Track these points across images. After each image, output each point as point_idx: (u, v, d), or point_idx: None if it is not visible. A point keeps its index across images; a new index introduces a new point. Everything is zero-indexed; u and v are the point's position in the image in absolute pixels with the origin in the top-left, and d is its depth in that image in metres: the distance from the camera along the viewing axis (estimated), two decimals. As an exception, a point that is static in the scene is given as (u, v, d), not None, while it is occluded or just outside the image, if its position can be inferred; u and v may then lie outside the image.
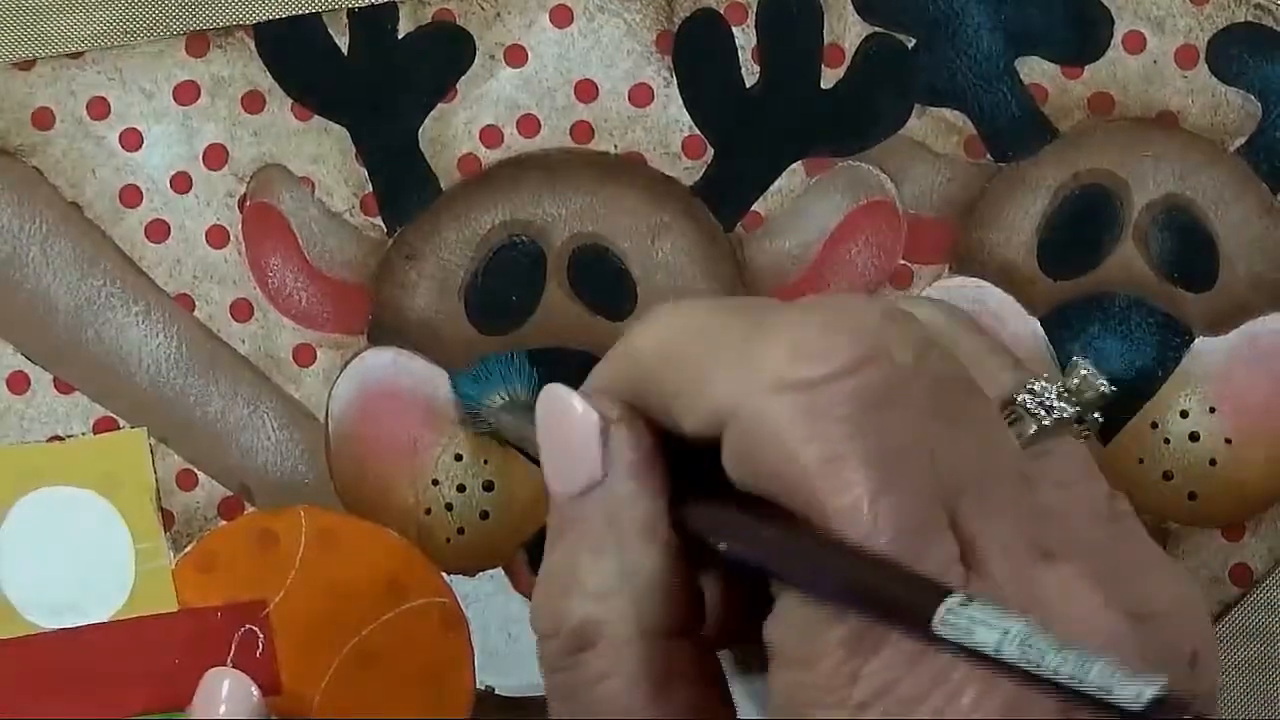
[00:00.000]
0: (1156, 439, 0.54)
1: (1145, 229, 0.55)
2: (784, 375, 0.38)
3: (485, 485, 0.54)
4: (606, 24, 0.53)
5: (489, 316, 0.54)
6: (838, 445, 0.37)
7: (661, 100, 0.54)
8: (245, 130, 0.53)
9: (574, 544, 0.41)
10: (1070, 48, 0.54)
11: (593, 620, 0.40)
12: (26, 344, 0.53)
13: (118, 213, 0.53)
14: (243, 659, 0.53)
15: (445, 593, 0.54)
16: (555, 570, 0.41)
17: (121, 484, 0.53)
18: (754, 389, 0.38)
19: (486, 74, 0.53)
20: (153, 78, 0.53)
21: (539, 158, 0.54)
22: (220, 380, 0.53)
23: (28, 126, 0.52)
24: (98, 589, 0.53)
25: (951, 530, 0.38)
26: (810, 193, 0.54)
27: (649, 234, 0.54)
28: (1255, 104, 0.54)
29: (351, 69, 0.53)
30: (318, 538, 0.53)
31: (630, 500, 0.41)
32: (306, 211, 0.53)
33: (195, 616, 0.53)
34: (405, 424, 0.53)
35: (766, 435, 0.38)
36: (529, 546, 0.54)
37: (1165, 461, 0.54)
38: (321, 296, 0.53)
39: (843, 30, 0.54)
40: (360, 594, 0.53)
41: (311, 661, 0.53)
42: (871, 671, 0.37)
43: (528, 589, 0.54)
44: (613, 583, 0.40)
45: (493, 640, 0.54)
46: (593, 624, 0.40)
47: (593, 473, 0.41)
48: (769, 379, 0.38)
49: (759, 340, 0.39)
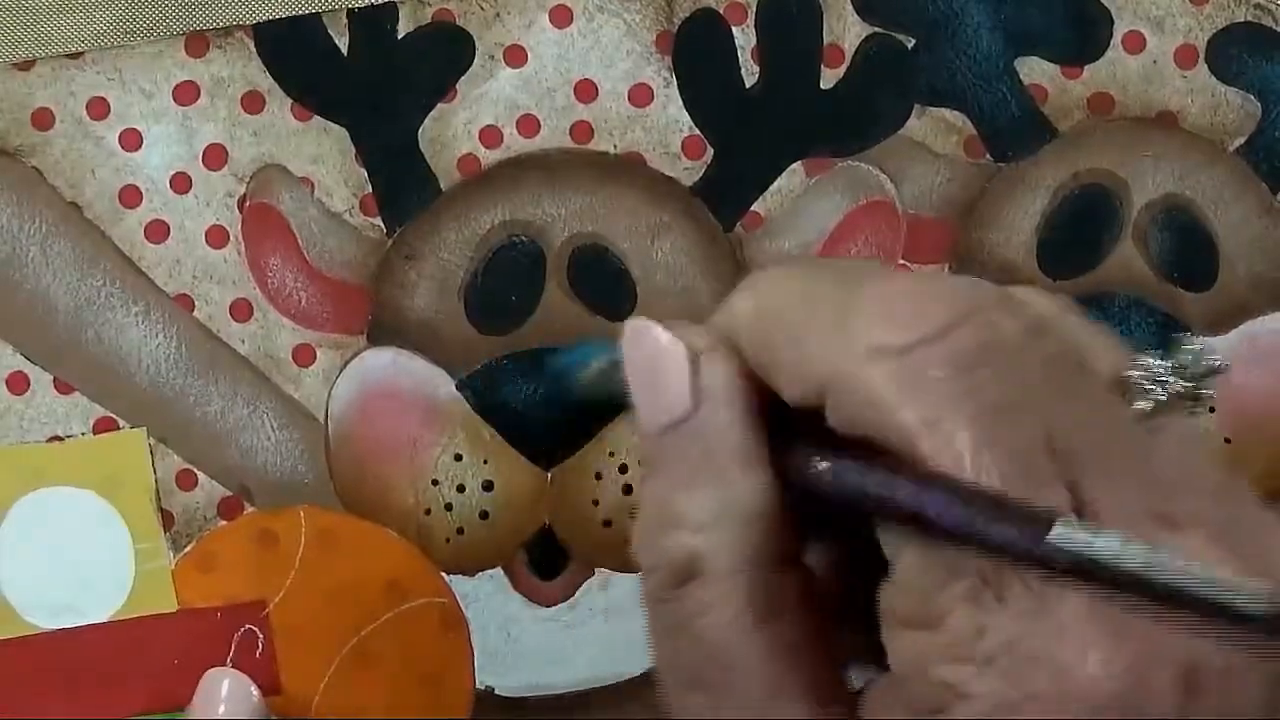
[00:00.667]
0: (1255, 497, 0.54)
1: (1145, 229, 0.55)
2: (878, 342, 0.38)
3: (485, 485, 0.54)
4: (606, 24, 0.53)
5: (489, 316, 0.54)
6: (935, 407, 0.38)
7: (661, 100, 0.54)
8: (245, 130, 0.53)
9: (670, 477, 0.41)
10: (1070, 48, 0.54)
11: (695, 553, 0.40)
12: (26, 344, 0.53)
13: (117, 213, 0.53)
14: (242, 659, 0.53)
15: (445, 593, 0.54)
16: (653, 505, 0.41)
17: (121, 484, 0.53)
18: (850, 358, 0.38)
19: (486, 74, 0.53)
20: (152, 78, 0.53)
21: (539, 158, 0.54)
22: (220, 380, 0.53)
23: (27, 127, 0.52)
24: (97, 589, 0.53)
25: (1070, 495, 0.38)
26: (810, 193, 0.54)
27: (649, 234, 0.54)
28: (1255, 104, 0.54)
29: (351, 69, 0.53)
30: (317, 538, 0.53)
31: (724, 430, 0.41)
32: (306, 212, 0.53)
33: (195, 616, 0.53)
34: (405, 424, 0.53)
35: (866, 402, 0.38)
36: (529, 546, 0.54)
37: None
38: (321, 296, 0.53)
39: (842, 30, 0.54)
40: (360, 594, 0.53)
41: (311, 661, 0.53)
42: (998, 625, 0.37)
43: (528, 589, 0.54)
44: (712, 514, 0.40)
45: (493, 640, 0.54)
46: (695, 556, 0.40)
47: (684, 404, 0.41)
48: (864, 347, 0.38)
49: (853, 309, 0.39)
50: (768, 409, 0.41)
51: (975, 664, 0.37)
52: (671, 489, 0.41)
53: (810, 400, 0.39)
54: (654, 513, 0.41)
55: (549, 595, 0.54)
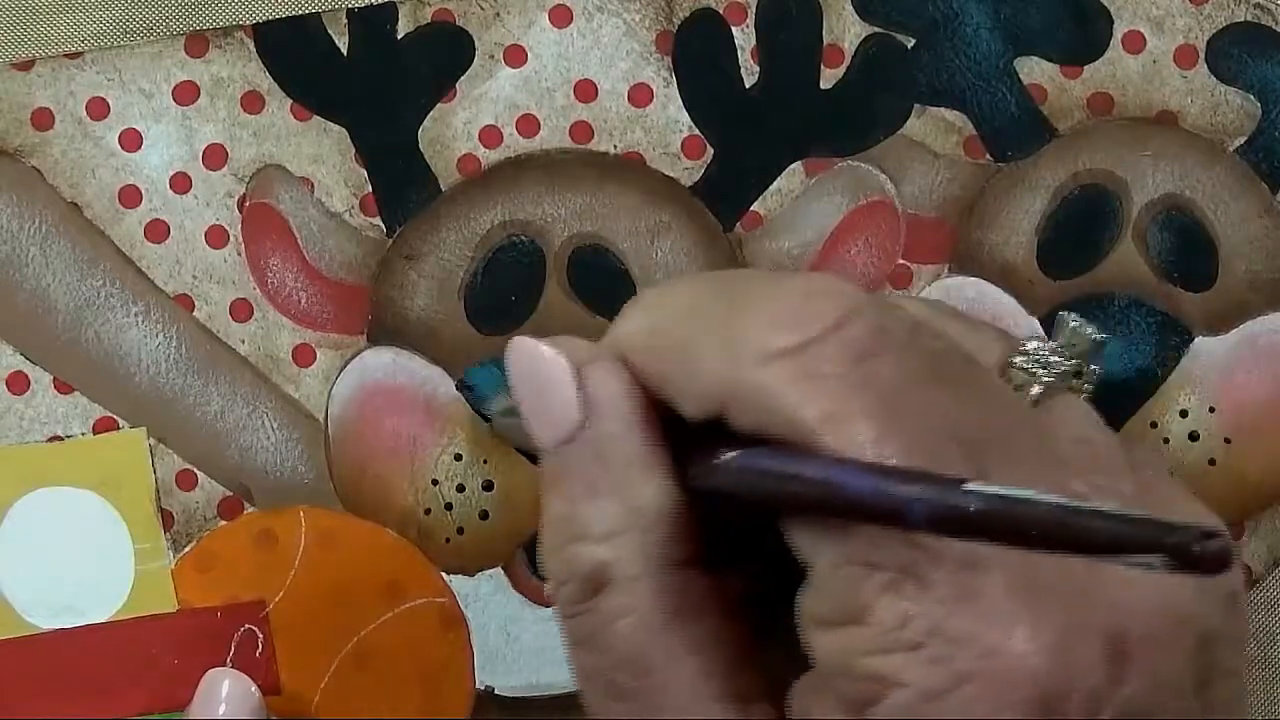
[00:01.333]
0: (1156, 439, 0.54)
1: (1144, 229, 0.55)
2: (770, 345, 0.39)
3: (485, 485, 0.54)
4: (606, 24, 0.53)
5: (488, 316, 0.54)
6: (834, 401, 0.38)
7: (661, 100, 0.54)
8: (245, 130, 0.53)
9: (570, 490, 0.41)
10: (1070, 48, 0.54)
11: (601, 562, 0.41)
12: (26, 344, 0.53)
13: (117, 213, 0.53)
14: (242, 659, 0.53)
15: (444, 592, 0.54)
16: (558, 519, 0.41)
17: (121, 484, 0.53)
18: (744, 365, 0.39)
19: (486, 74, 0.53)
20: (152, 78, 0.53)
21: (538, 158, 0.54)
22: (220, 380, 0.53)
23: (27, 127, 0.52)
24: (97, 589, 0.53)
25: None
26: (810, 193, 0.54)
27: (648, 234, 0.54)
28: (1254, 104, 0.54)
29: (351, 69, 0.53)
30: (317, 538, 0.53)
31: (617, 437, 0.41)
32: (306, 212, 0.53)
33: (195, 616, 0.53)
34: (405, 424, 0.53)
35: (765, 407, 0.38)
36: (529, 546, 0.54)
37: (1165, 461, 0.54)
38: (321, 297, 0.53)
39: (842, 30, 0.54)
40: (359, 594, 0.53)
41: (311, 661, 0.53)
42: (922, 612, 0.37)
43: (528, 589, 0.54)
44: (616, 522, 0.41)
45: (492, 640, 0.54)
46: (602, 565, 0.41)
47: (572, 417, 0.41)
48: (757, 352, 0.39)
49: (740, 317, 0.39)
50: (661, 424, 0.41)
51: (903, 652, 0.37)
52: (572, 502, 0.41)
53: (709, 412, 0.39)
54: (558, 527, 0.41)
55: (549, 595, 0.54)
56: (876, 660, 0.37)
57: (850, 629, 0.38)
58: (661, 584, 0.40)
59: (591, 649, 0.41)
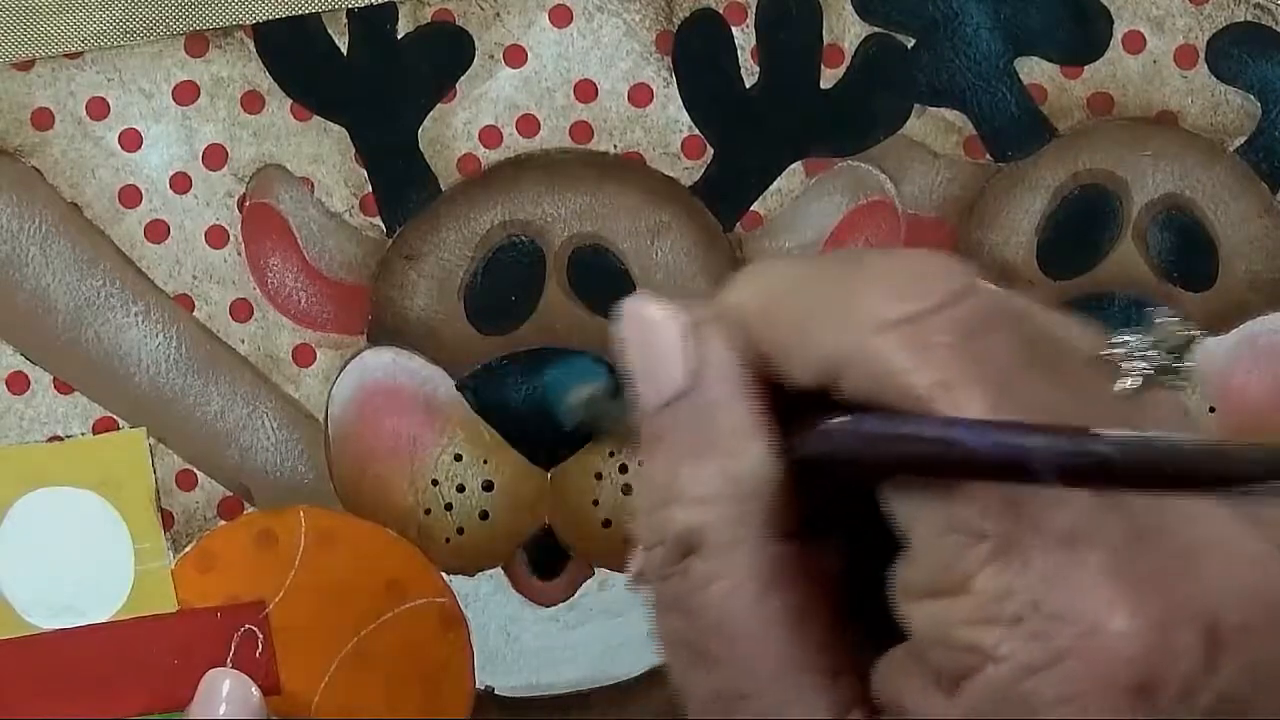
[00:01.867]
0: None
1: (1144, 229, 0.55)
2: (886, 315, 0.39)
3: (485, 485, 0.54)
4: (606, 24, 0.53)
5: (488, 316, 0.54)
6: (946, 370, 0.38)
7: (661, 100, 0.54)
8: (245, 130, 0.53)
9: (669, 452, 0.41)
10: (1070, 48, 0.54)
11: (696, 526, 0.40)
12: (26, 344, 0.53)
13: (117, 213, 0.53)
14: (242, 659, 0.53)
15: (444, 592, 0.54)
16: (654, 481, 0.41)
17: (121, 484, 0.53)
18: (858, 333, 0.39)
19: (486, 74, 0.53)
20: (152, 78, 0.53)
21: (538, 158, 0.54)
22: (220, 380, 0.53)
23: (27, 127, 0.52)
24: (97, 589, 0.53)
25: None
26: (810, 193, 0.54)
27: (648, 234, 0.54)
28: (1254, 104, 0.54)
29: (351, 69, 0.53)
30: (317, 538, 0.53)
31: (722, 403, 0.41)
32: (306, 212, 0.53)
33: (195, 616, 0.53)
34: (404, 424, 0.53)
35: (879, 374, 0.38)
36: (529, 546, 0.54)
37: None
38: (321, 297, 0.53)
39: (842, 30, 0.54)
40: (359, 594, 0.53)
41: (311, 661, 0.53)
42: (1023, 586, 0.37)
43: (528, 589, 0.54)
44: (713, 487, 0.40)
45: (492, 640, 0.54)
46: (696, 530, 0.40)
47: (680, 379, 0.41)
48: (872, 322, 0.39)
49: (855, 289, 0.39)
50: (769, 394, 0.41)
51: (1002, 625, 0.37)
52: (671, 464, 0.41)
53: (821, 380, 0.39)
54: (654, 488, 0.41)
55: (549, 595, 0.54)
56: (975, 631, 0.37)
57: (950, 599, 0.37)
58: (757, 553, 0.40)
59: (679, 614, 0.41)
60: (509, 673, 0.54)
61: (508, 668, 0.54)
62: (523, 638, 0.54)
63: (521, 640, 0.54)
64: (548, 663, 0.54)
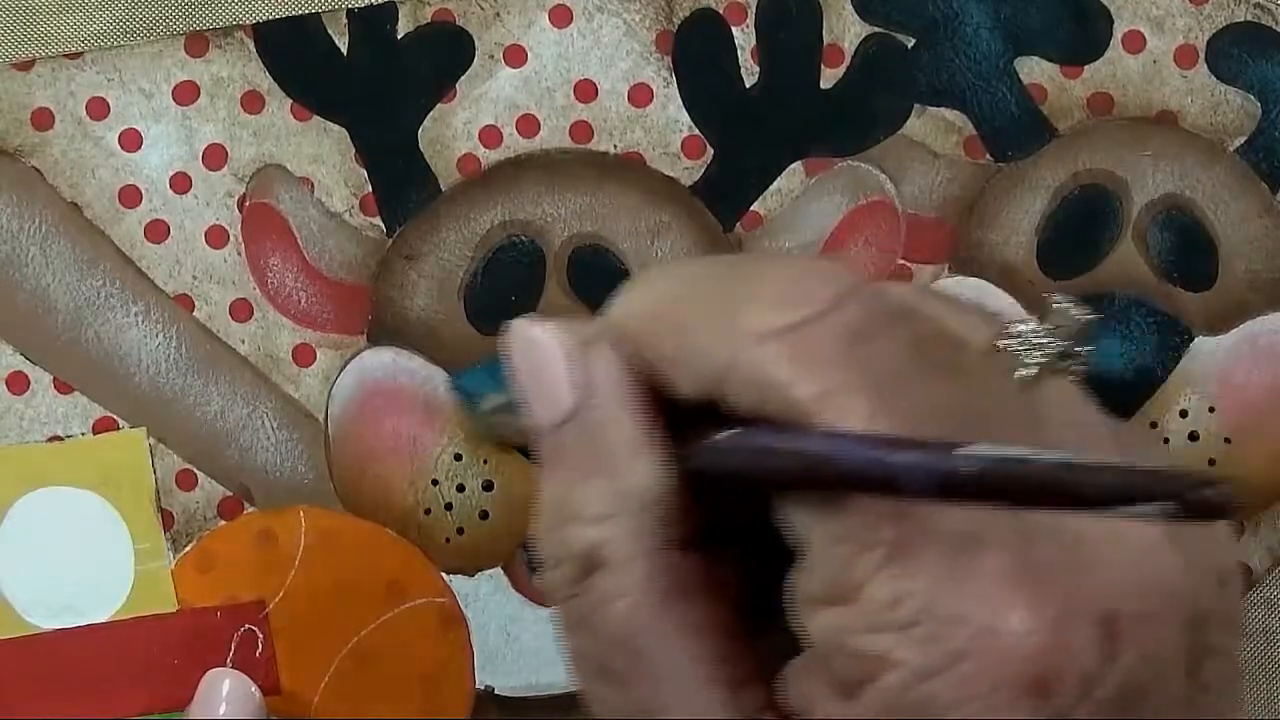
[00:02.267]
0: (1156, 438, 0.54)
1: (1144, 229, 0.55)
2: (767, 324, 0.39)
3: (485, 485, 0.54)
4: (606, 24, 0.53)
5: (488, 316, 0.54)
6: (828, 379, 0.38)
7: (661, 100, 0.54)
8: (245, 130, 0.53)
9: (564, 473, 0.41)
10: (1070, 47, 0.54)
11: (595, 543, 0.40)
12: (26, 344, 0.53)
13: (117, 213, 0.53)
14: (242, 659, 0.53)
15: (444, 592, 0.54)
16: (551, 501, 0.41)
17: (121, 484, 0.53)
18: (742, 343, 0.39)
19: (486, 74, 0.53)
20: (152, 78, 0.53)
21: (538, 158, 0.54)
22: (220, 380, 0.53)
23: (27, 127, 0.52)
24: (97, 589, 0.53)
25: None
26: (810, 193, 0.54)
27: (648, 234, 0.54)
28: (1254, 104, 0.54)
29: (351, 69, 0.53)
30: (317, 538, 0.53)
31: (609, 421, 0.41)
32: (306, 212, 0.53)
33: (195, 616, 0.53)
34: (404, 424, 0.53)
35: (762, 385, 0.39)
36: (529, 546, 0.54)
37: (1155, 442, 0.54)
38: (321, 297, 0.53)
39: (842, 30, 0.54)
40: (359, 594, 0.53)
41: (311, 661, 0.53)
42: (915, 590, 0.37)
43: (528, 589, 0.54)
44: (607, 505, 0.41)
45: (492, 640, 0.54)
46: (595, 547, 0.40)
47: (567, 399, 0.41)
48: (754, 330, 0.39)
49: (737, 297, 0.40)
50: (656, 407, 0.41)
51: (896, 630, 0.37)
52: (566, 484, 0.41)
53: (706, 391, 0.40)
54: (552, 508, 0.41)
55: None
56: (869, 639, 0.37)
57: (843, 608, 0.38)
58: (654, 566, 0.40)
59: (584, 631, 0.41)
60: (509, 673, 0.54)
61: (508, 668, 0.54)
62: (523, 638, 0.54)
63: (521, 640, 0.54)
64: (548, 663, 0.54)
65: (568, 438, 0.41)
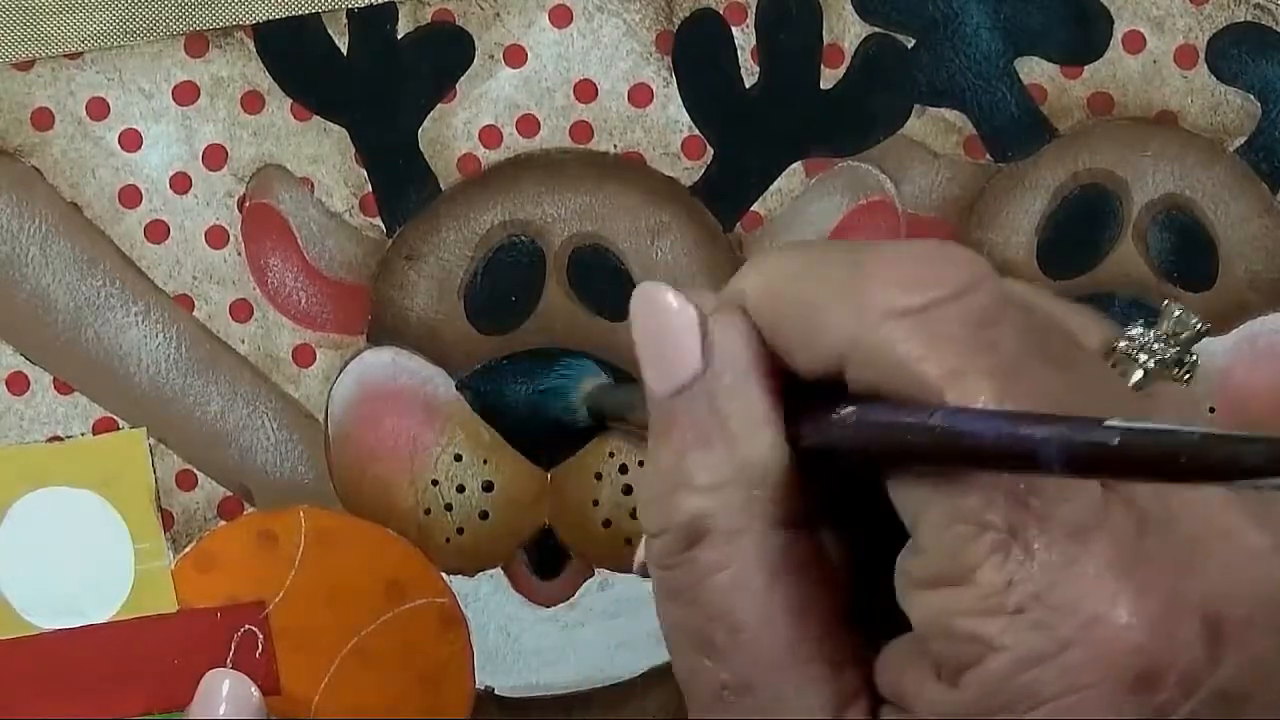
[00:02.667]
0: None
1: (1144, 228, 0.55)
2: (895, 304, 0.38)
3: (485, 485, 0.54)
4: (606, 24, 0.53)
5: (488, 316, 0.54)
6: (957, 359, 0.38)
7: (661, 100, 0.54)
8: (245, 130, 0.53)
9: (679, 440, 0.41)
10: (1070, 47, 0.54)
11: (702, 514, 0.40)
12: (26, 344, 0.53)
13: (117, 213, 0.53)
14: (242, 659, 0.53)
15: (444, 593, 0.54)
16: (662, 468, 0.41)
17: (121, 484, 0.53)
18: (868, 322, 0.39)
19: (486, 74, 0.53)
20: (152, 78, 0.53)
21: (539, 158, 0.54)
22: (220, 380, 0.53)
23: (27, 126, 0.52)
24: (97, 589, 0.53)
25: None
26: (810, 193, 0.54)
27: (648, 234, 0.54)
28: (1255, 104, 0.54)
29: (351, 69, 0.53)
30: (317, 538, 0.53)
31: (733, 391, 0.41)
32: (306, 212, 0.53)
33: (195, 617, 0.53)
34: (405, 424, 0.53)
35: (887, 361, 0.38)
36: (529, 546, 0.54)
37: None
38: (321, 297, 0.53)
39: (842, 30, 0.54)
40: (359, 594, 0.53)
41: (311, 662, 0.53)
42: (1026, 577, 0.37)
43: (527, 589, 0.54)
44: (721, 475, 0.40)
45: (492, 640, 0.54)
46: (702, 518, 0.40)
47: (692, 366, 0.41)
48: (880, 310, 0.39)
49: (865, 277, 0.39)
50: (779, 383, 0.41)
51: (1004, 616, 0.37)
52: (680, 451, 0.41)
53: (828, 369, 0.39)
54: (662, 476, 0.41)
55: (549, 595, 0.54)
56: (977, 622, 0.37)
57: (953, 590, 0.37)
58: (764, 542, 0.40)
59: (684, 602, 0.41)
60: (509, 673, 0.54)
61: (508, 668, 0.54)
62: (523, 638, 0.54)
63: (521, 640, 0.54)
64: (548, 663, 0.54)
65: (687, 405, 0.41)
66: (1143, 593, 0.37)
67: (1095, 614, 0.37)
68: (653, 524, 0.41)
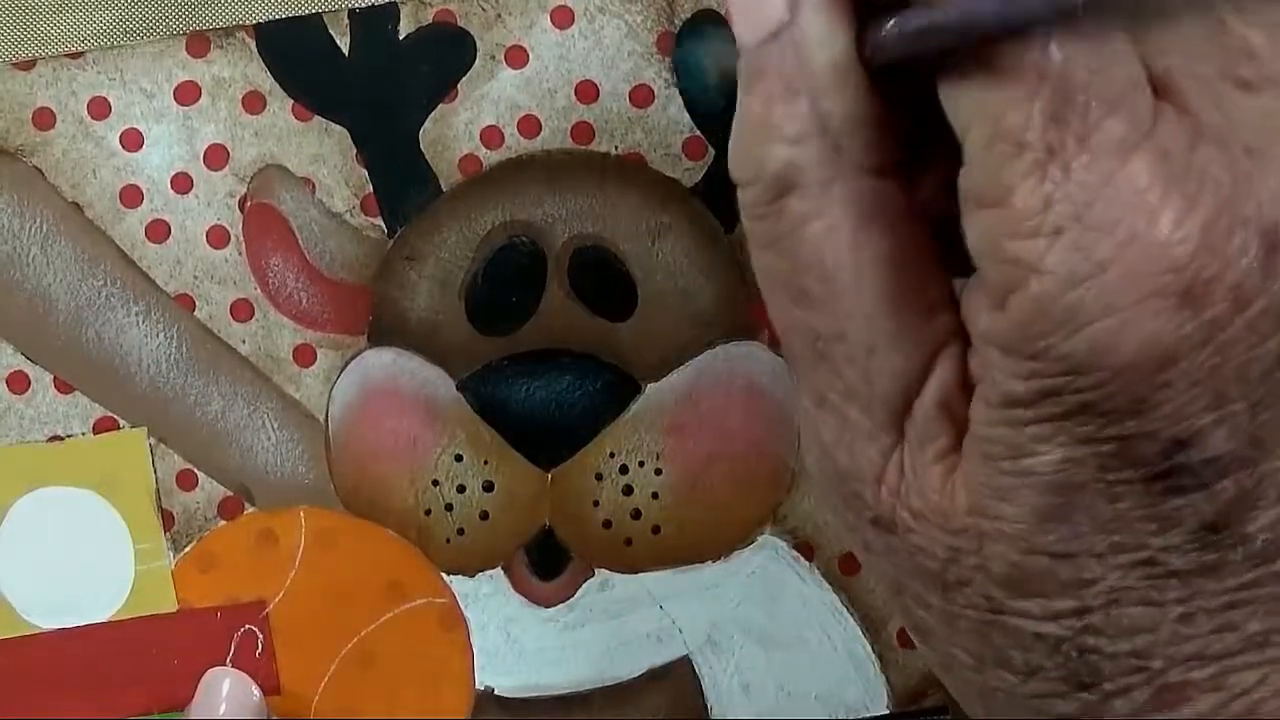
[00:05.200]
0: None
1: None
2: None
3: (485, 485, 0.54)
4: (607, 25, 0.53)
5: (489, 317, 0.54)
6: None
7: (662, 101, 0.54)
8: (246, 130, 0.53)
9: (767, 90, 0.41)
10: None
11: (792, 164, 0.40)
12: (26, 344, 0.53)
13: (118, 213, 0.53)
14: (242, 659, 0.53)
15: (444, 593, 0.54)
16: (751, 118, 0.41)
17: (121, 484, 0.53)
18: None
19: (487, 75, 0.53)
20: (153, 78, 0.53)
21: (540, 158, 0.54)
22: (220, 380, 0.53)
23: (28, 126, 0.52)
24: (97, 589, 0.53)
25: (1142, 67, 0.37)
26: (811, 194, 0.54)
27: (650, 235, 0.54)
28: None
29: (352, 69, 0.53)
30: (317, 538, 0.53)
31: (821, 40, 0.40)
32: (307, 212, 0.53)
33: (195, 617, 0.53)
34: (405, 424, 0.53)
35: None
36: (529, 547, 0.54)
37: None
38: (322, 297, 0.53)
39: (844, 32, 0.54)
40: (360, 594, 0.53)
41: (311, 662, 0.53)
42: (1064, 195, 0.36)
43: (527, 589, 0.54)
44: (809, 125, 0.40)
45: (492, 640, 0.54)
46: (792, 168, 0.40)
47: (779, 14, 0.40)
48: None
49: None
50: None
51: (1044, 237, 0.36)
52: (768, 102, 0.40)
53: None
54: (750, 127, 0.41)
55: (549, 595, 0.54)
56: (1020, 245, 0.37)
57: (995, 211, 0.37)
58: (853, 190, 0.40)
59: (777, 253, 0.40)
60: (509, 673, 0.54)
61: (508, 668, 0.54)
62: (523, 638, 0.54)
63: (521, 640, 0.54)
64: (548, 663, 0.54)
65: (773, 54, 0.40)
66: (1190, 207, 0.36)
67: (1135, 230, 0.36)
68: (743, 174, 0.41)
